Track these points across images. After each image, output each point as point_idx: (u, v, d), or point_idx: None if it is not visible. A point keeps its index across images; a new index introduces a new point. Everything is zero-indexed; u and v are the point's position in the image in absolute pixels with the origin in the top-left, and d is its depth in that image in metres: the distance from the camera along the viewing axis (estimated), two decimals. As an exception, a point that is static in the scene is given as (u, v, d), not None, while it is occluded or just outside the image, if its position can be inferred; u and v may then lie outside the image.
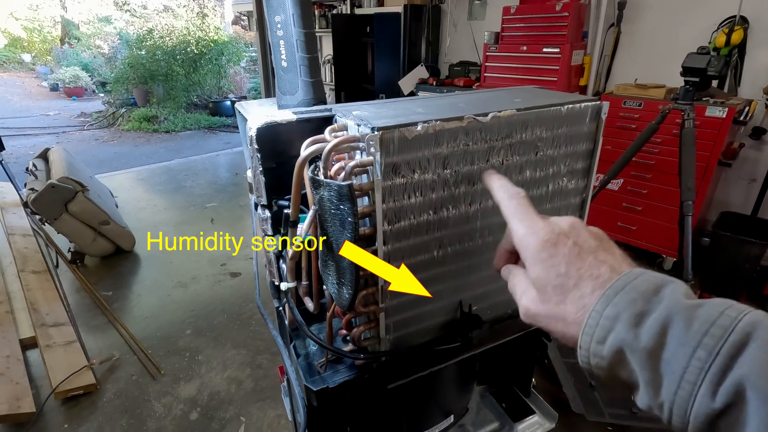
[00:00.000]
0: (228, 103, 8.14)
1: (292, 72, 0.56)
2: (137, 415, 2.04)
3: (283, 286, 0.50)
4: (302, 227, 0.43)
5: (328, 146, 0.41)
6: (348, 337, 0.53)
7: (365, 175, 0.44)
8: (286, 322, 0.55)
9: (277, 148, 0.52)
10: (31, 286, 2.74)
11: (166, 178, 5.17)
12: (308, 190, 0.46)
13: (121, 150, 6.56)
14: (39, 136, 7.05)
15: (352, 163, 0.42)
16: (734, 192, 3.17)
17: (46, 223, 3.12)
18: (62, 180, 2.99)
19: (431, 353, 0.51)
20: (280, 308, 0.56)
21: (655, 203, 2.97)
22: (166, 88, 7.98)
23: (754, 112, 2.77)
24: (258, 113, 0.51)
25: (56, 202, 2.95)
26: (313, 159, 0.48)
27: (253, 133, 0.48)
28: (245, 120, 0.53)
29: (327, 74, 5.72)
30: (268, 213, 0.53)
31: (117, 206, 3.85)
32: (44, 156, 3.74)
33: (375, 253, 0.45)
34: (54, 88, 10.77)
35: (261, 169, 0.51)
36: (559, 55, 3.22)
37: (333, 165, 0.44)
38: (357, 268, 0.42)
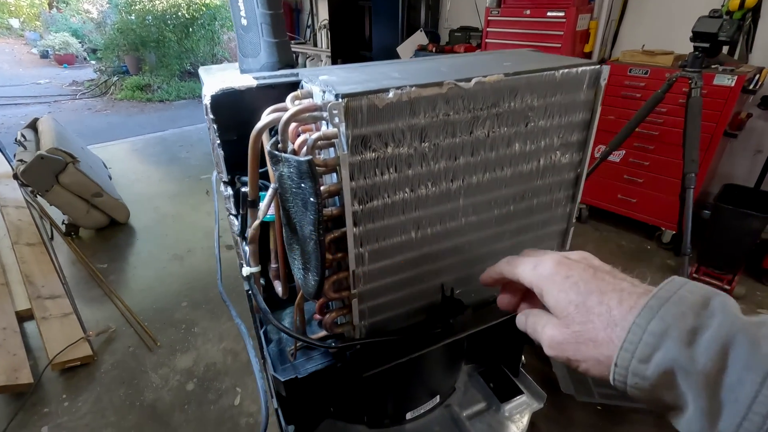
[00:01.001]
0: (223, 71, 7.90)
1: (252, 31, 0.49)
2: (134, 386, 2.06)
3: (245, 270, 0.46)
4: (261, 207, 0.38)
5: (285, 116, 0.36)
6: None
7: (332, 149, 0.40)
8: (253, 304, 0.51)
9: (237, 118, 0.46)
10: (26, 258, 2.73)
11: (161, 149, 5.09)
12: (268, 165, 0.41)
13: (114, 120, 6.43)
14: (30, 105, 6.90)
15: (314, 136, 0.37)
16: (738, 164, 3.09)
17: (38, 195, 3.07)
18: (51, 151, 2.92)
19: (409, 340, 0.48)
20: (250, 292, 0.52)
21: (656, 175, 2.90)
22: (159, 55, 7.74)
23: (764, 80, 2.66)
24: (215, 79, 0.46)
25: (46, 173, 2.89)
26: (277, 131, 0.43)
27: (207, 101, 0.43)
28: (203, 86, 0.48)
29: (323, 41, 5.52)
30: (230, 190, 0.49)
31: (110, 178, 3.80)
32: (33, 126, 3.65)
33: (344, 236, 0.41)
34: (44, 55, 10.46)
35: (219, 141, 0.46)
36: (564, 20, 3.07)
37: (296, 137, 0.39)
38: (323, 252, 0.38)
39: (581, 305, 0.33)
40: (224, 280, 2.66)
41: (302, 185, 0.36)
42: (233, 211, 0.49)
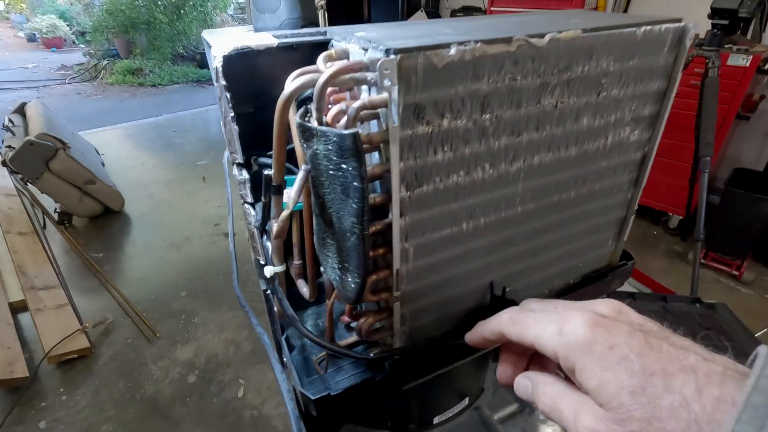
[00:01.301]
0: (216, 54, 7.69)
1: (271, -20, 0.42)
2: (134, 379, 2.01)
3: (268, 270, 0.39)
4: (289, 194, 0.31)
5: (322, 77, 0.28)
6: (352, 326, 0.43)
7: (375, 121, 0.32)
8: (276, 309, 0.44)
9: (253, 86, 0.39)
10: (18, 248, 2.64)
11: (155, 135, 4.96)
12: (296, 142, 0.33)
13: (105, 105, 6.26)
14: (18, 90, 6.70)
15: (357, 104, 0.29)
16: (748, 147, 3.03)
17: (28, 183, 2.97)
18: (40, 136, 2.81)
19: (458, 346, 0.41)
20: (268, 293, 0.45)
21: (664, 159, 2.83)
22: (149, 38, 7.50)
23: (778, 60, 2.58)
24: (226, 39, 0.38)
25: (36, 160, 2.78)
26: (305, 101, 0.35)
27: (218, 63, 0.35)
28: (210, 48, 0.40)
29: (320, 21, 5.35)
30: (245, 174, 0.41)
31: (104, 165, 3.68)
32: (21, 111, 3.51)
33: (389, 228, 0.33)
34: (31, 38, 10.15)
35: (233, 114, 0.38)
36: (574, -5, 2.96)
37: (330, 107, 0.32)
38: (367, 249, 0.31)
39: (639, 392, 0.24)
40: (224, 270, 2.59)
41: (343, 166, 0.29)
42: (249, 199, 0.42)
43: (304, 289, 0.41)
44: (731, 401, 0.22)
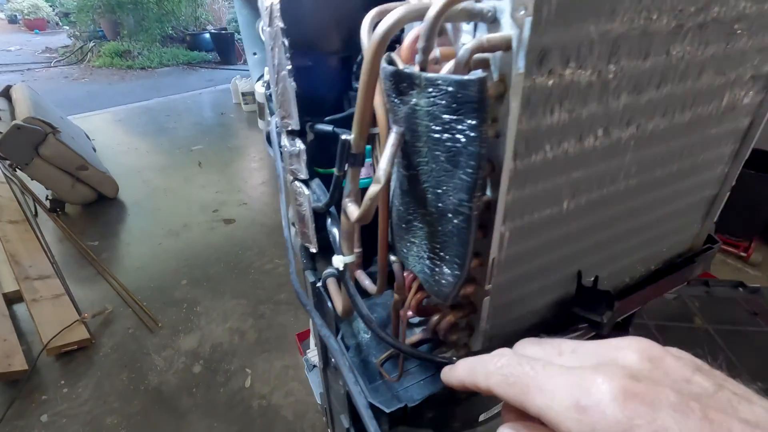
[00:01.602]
0: (207, 35, 7.45)
1: None
2: (137, 369, 1.95)
3: (337, 261, 0.32)
4: (382, 164, 0.23)
5: (435, 7, 0.21)
6: (415, 323, 0.37)
7: (479, 70, 0.25)
8: (332, 306, 0.38)
9: (314, 32, 0.31)
10: (10, 237, 2.54)
11: (147, 119, 4.80)
12: (377, 100, 0.26)
13: (93, 89, 6.05)
14: (2, 73, 6.45)
15: (471, 44, 0.22)
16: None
17: (17, 169, 2.85)
18: (28, 120, 2.68)
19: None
20: (319, 286, 0.38)
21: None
22: (137, 18, 7.23)
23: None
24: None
25: (25, 145, 2.66)
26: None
27: (274, 0, 0.28)
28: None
29: None
30: (300, 144, 0.34)
31: (95, 150, 3.56)
32: (6, 94, 3.36)
33: (487, 208, 0.27)
34: (12, 20, 9.77)
35: (290, 67, 0.30)
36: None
37: (412, 56, 0.25)
38: (473, 233, 0.24)
39: None
40: (224, 258, 2.53)
41: (456, 126, 0.22)
42: (303, 175, 0.35)
43: (366, 282, 0.35)
44: None
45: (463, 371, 0.27)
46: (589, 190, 0.33)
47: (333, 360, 0.47)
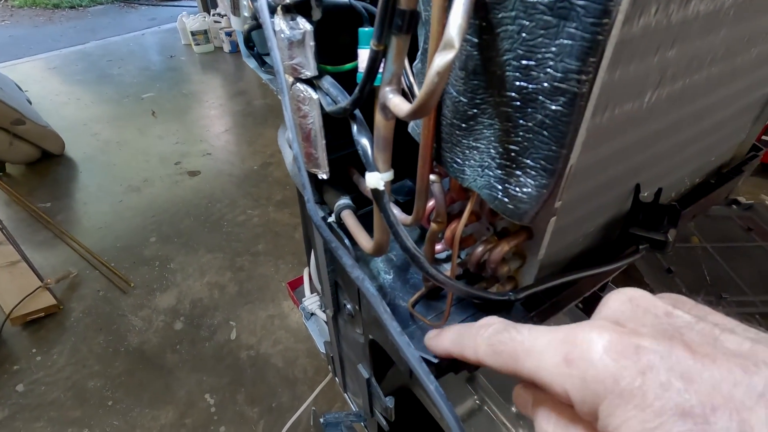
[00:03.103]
0: (143, -34, 6.61)
1: None
2: (114, 331, 1.87)
3: (372, 179, 0.24)
4: (454, 16, 0.15)
5: None
6: (443, 258, 0.31)
7: None
8: (348, 243, 0.31)
9: None
10: (-55, 203, 2.30)
11: (85, 66, 4.32)
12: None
13: (17, 32, 5.34)
14: None
15: None
16: None
17: (-60, 127, 2.52)
18: (-58, 68, 2.33)
19: (605, 270, 0.30)
20: (331, 221, 0.31)
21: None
22: (57, -53, 6.29)
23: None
24: None
25: (-56, 98, 2.33)
26: None
27: None
28: None
29: None
30: (304, 24, 0.24)
31: (30, 102, 3.18)
32: None
33: (585, 84, 0.20)
34: None
35: None
36: None
37: None
38: (572, 122, 0.17)
39: None
40: (193, 211, 2.40)
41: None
42: (310, 70, 0.25)
43: (395, 211, 0.28)
44: None
45: (449, 343, 0.27)
46: (675, 78, 0.27)
47: (349, 306, 0.41)
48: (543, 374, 0.20)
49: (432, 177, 0.26)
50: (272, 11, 0.25)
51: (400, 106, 0.20)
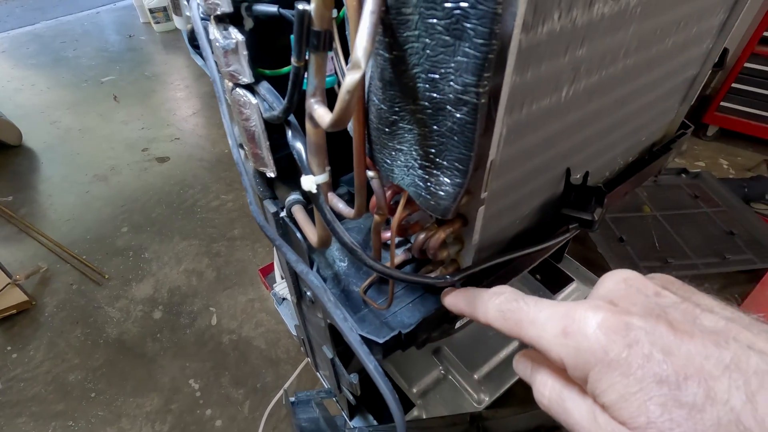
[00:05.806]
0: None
1: None
2: (91, 324, 1.85)
3: (308, 182, 0.26)
4: (360, 39, 0.16)
5: None
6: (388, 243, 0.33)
7: None
8: (300, 236, 0.32)
9: None
10: None
11: (37, 48, 4.09)
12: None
13: (-43, 13, 4.97)
14: None
15: None
16: None
17: None
18: None
19: (539, 250, 0.33)
20: (284, 216, 0.33)
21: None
22: None
23: None
24: None
25: None
26: None
27: None
28: None
29: None
30: (237, 34, 0.25)
31: (-21, 89, 3.01)
32: None
33: (493, 90, 0.21)
34: None
35: None
36: None
37: None
38: (476, 128, 0.19)
39: (672, 404, 0.18)
40: (165, 199, 2.36)
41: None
42: (246, 78, 0.26)
43: (340, 205, 0.29)
44: None
45: (464, 304, 0.30)
46: (590, 72, 0.29)
47: (309, 294, 0.43)
48: (543, 342, 0.24)
49: (370, 173, 0.28)
50: (217, 19, 0.26)
51: (323, 117, 0.21)
